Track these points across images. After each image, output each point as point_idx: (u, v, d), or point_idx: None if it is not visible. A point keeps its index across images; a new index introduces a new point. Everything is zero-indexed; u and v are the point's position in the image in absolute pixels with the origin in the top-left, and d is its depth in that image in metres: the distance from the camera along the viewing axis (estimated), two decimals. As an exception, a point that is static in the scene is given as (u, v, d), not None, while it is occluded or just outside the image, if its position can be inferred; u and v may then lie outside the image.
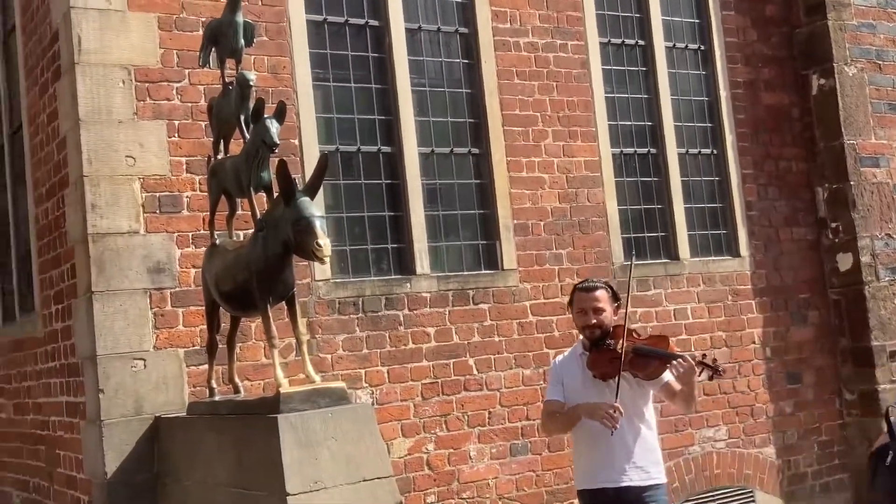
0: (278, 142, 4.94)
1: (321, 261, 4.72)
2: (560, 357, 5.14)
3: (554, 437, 7.15)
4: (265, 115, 4.98)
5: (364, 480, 4.69)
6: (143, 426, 5.90)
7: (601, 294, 4.77)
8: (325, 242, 4.62)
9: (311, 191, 4.83)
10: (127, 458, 5.83)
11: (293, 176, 5.42)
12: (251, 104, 5.10)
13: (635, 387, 4.69)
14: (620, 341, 4.63)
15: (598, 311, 4.73)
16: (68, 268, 6.29)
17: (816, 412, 8.50)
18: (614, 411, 4.44)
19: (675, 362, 4.57)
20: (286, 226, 4.71)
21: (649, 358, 4.66)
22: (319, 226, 4.65)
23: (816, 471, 8.42)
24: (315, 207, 4.73)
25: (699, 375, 4.65)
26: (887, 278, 8.56)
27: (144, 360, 5.97)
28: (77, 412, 6.25)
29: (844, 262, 8.57)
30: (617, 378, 4.57)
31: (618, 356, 4.61)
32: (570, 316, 7.20)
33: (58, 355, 6.63)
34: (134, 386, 5.91)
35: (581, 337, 4.92)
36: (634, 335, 4.82)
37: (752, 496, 8.09)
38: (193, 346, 6.06)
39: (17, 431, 7.78)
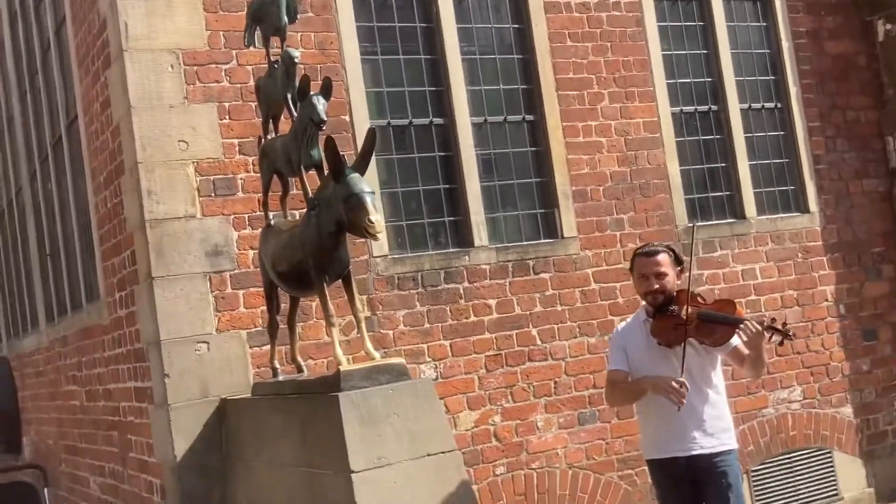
0: (326, 118, 4.88)
1: (374, 237, 4.68)
2: (622, 324, 5.01)
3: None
4: (311, 92, 4.93)
5: (428, 455, 4.66)
6: (209, 409, 5.95)
7: (663, 258, 4.61)
8: (376, 218, 4.57)
9: (360, 167, 4.77)
10: (195, 441, 5.89)
11: (346, 152, 5.41)
12: (297, 82, 5.05)
13: (702, 353, 4.57)
14: (685, 307, 4.47)
15: (661, 275, 4.58)
16: (129, 254, 6.35)
17: (894, 369, 8.26)
18: (680, 386, 4.35)
19: (742, 326, 4.43)
20: (337, 203, 4.67)
21: (715, 324, 4.51)
22: (370, 202, 4.60)
23: (897, 429, 8.21)
24: (365, 183, 4.67)
25: (769, 340, 4.50)
26: (964, 228, 8.26)
27: (207, 343, 6.01)
28: (145, 397, 6.33)
29: (919, 212, 8.30)
30: (683, 345, 4.44)
31: (682, 322, 4.46)
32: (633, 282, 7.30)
33: (124, 341, 6.72)
34: (199, 369, 5.96)
35: (644, 303, 4.77)
36: (699, 300, 4.66)
37: (830, 457, 7.91)
38: (255, 327, 6.07)
39: (90, 418, 7.93)
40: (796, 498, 7.74)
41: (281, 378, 5.58)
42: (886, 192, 8.45)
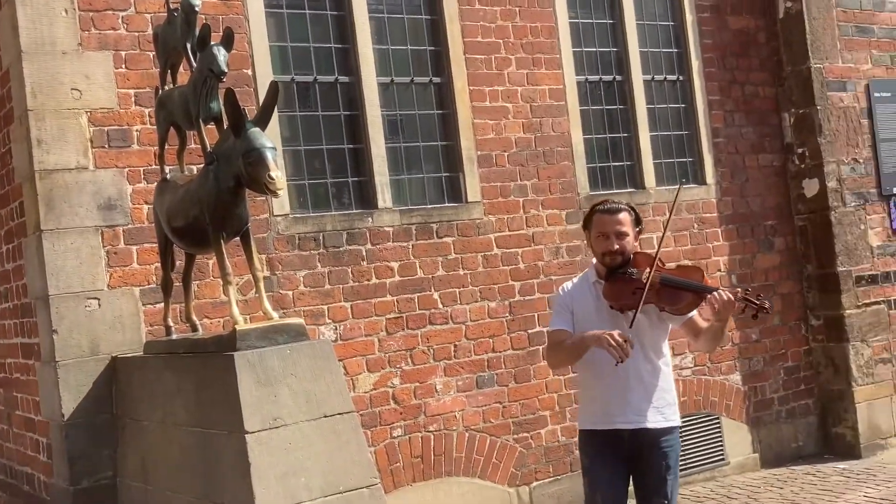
0: (226, 70, 4.74)
1: (274, 194, 4.59)
2: (567, 284, 4.54)
3: (519, 369, 7.14)
4: (212, 43, 4.77)
5: (325, 417, 4.60)
6: (99, 366, 5.77)
7: (624, 217, 4.23)
8: (277, 175, 4.47)
9: (261, 121, 4.64)
10: (84, 398, 5.71)
11: (248, 107, 5.25)
12: (197, 31, 4.88)
13: (655, 322, 4.26)
14: (647, 270, 4.14)
15: (622, 235, 4.20)
16: (17, 206, 6.09)
17: (782, 338, 8.50)
18: (625, 341, 3.93)
19: (712, 296, 4.03)
20: (237, 158, 4.54)
21: (681, 290, 4.14)
22: (271, 157, 4.49)
23: (782, 396, 8.45)
24: (266, 138, 4.55)
25: (742, 312, 4.19)
26: (853, 204, 8.52)
27: (98, 299, 5.81)
28: (32, 353, 6.11)
29: (811, 187, 8.51)
30: (635, 310, 4.10)
31: (642, 286, 4.10)
32: (538, 248, 7.33)
33: (10, 296, 6.47)
34: (89, 326, 5.76)
35: (593, 263, 4.39)
36: (659, 263, 4.26)
37: (718, 422, 8.10)
38: (149, 284, 5.91)
39: (-26, 375, 7.63)
40: (684, 462, 7.88)
41: (175, 337, 5.46)
42: (781, 167, 8.65)
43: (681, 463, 7.81)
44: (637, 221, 4.31)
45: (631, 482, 4.35)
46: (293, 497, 4.37)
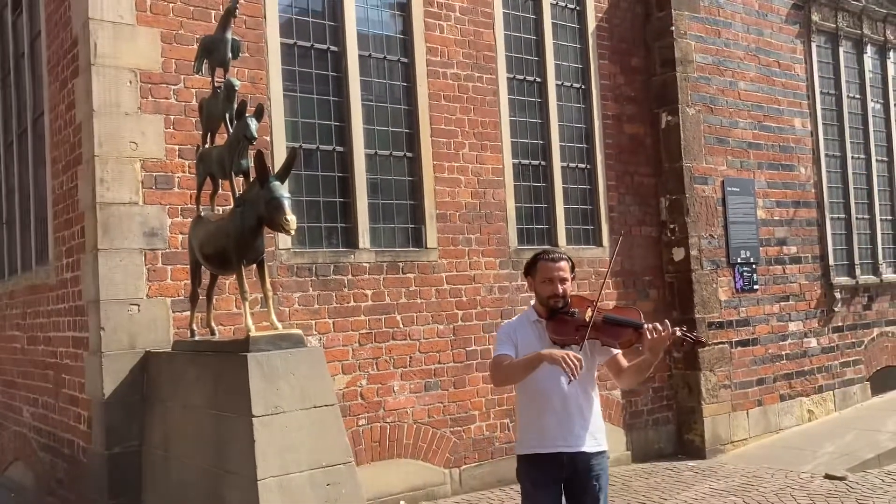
0: (256, 136, 4.69)
1: (288, 233, 4.52)
2: (509, 322, 3.99)
3: (457, 377, 7.09)
4: (246, 114, 4.72)
5: (315, 407, 4.52)
6: (135, 358, 5.60)
7: (565, 265, 3.77)
8: (291, 218, 4.42)
9: (281, 177, 4.58)
10: (121, 382, 5.54)
11: (266, 165, 5.18)
12: (235, 105, 4.83)
13: (590, 357, 3.72)
14: (589, 310, 3.69)
15: (563, 280, 3.73)
16: (79, 229, 5.90)
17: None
18: (577, 360, 3.36)
19: (648, 327, 3.57)
20: (260, 203, 4.48)
21: (621, 326, 3.66)
22: (288, 205, 4.45)
23: (650, 409, 8.51)
24: (284, 190, 4.50)
25: (682, 346, 3.68)
26: (708, 268, 8.68)
27: (138, 305, 5.66)
28: (82, 345, 5.89)
29: (678, 254, 8.65)
30: (579, 344, 3.59)
31: (584, 324, 3.64)
32: (478, 285, 7.31)
33: (67, 299, 6.24)
34: (129, 326, 5.60)
35: (531, 305, 3.90)
36: (601, 306, 3.80)
37: (602, 426, 8.12)
38: (178, 296, 5.76)
39: (29, 359, 7.32)
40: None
41: (198, 338, 5.32)
42: (657, 237, 8.79)
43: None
44: (572, 268, 3.84)
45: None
46: (287, 468, 4.27)
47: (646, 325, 3.58)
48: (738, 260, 8.96)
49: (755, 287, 9.10)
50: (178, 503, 4.97)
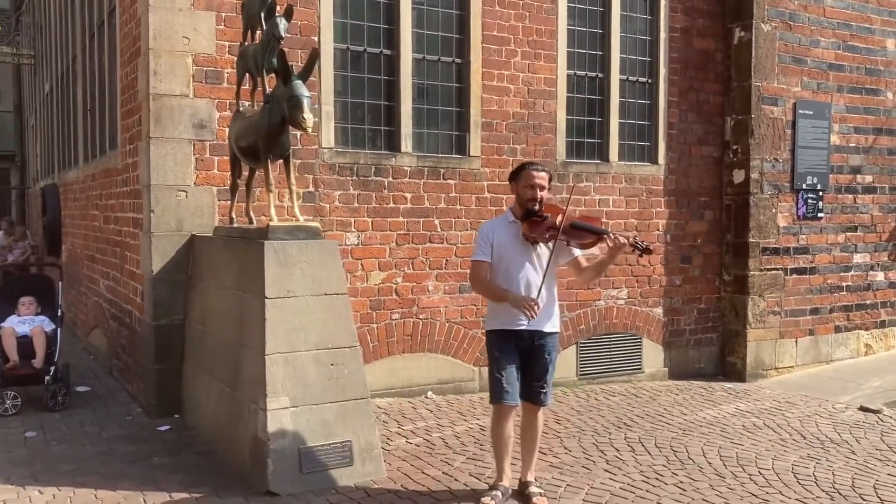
0: (284, 35, 4.90)
1: (305, 130, 4.75)
2: (489, 223, 4.59)
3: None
4: (277, 14, 4.93)
5: (325, 294, 4.84)
6: (182, 240, 6.08)
7: (546, 175, 4.32)
8: (308, 116, 4.64)
9: (304, 75, 4.80)
10: (168, 261, 6.05)
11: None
12: (268, 3, 5.04)
13: (554, 256, 4.28)
14: (560, 216, 4.22)
15: (542, 188, 4.27)
16: (137, 118, 6.36)
17: (699, 286, 8.55)
18: (535, 305, 4.11)
19: (608, 236, 4.15)
20: (282, 101, 4.73)
21: (585, 231, 4.23)
22: (306, 104, 4.66)
23: (693, 328, 8.53)
24: (305, 88, 4.71)
25: (633, 253, 4.18)
26: (769, 192, 8.46)
27: (186, 192, 6.09)
28: (139, 225, 6.43)
29: (738, 176, 8.45)
30: (553, 243, 4.19)
31: (555, 226, 4.18)
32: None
33: (129, 182, 6.77)
34: (177, 210, 6.06)
35: (510, 207, 4.46)
36: (571, 212, 4.32)
37: (639, 342, 8.23)
38: (224, 185, 6.14)
39: (104, 236, 8.02)
40: (610, 367, 8.10)
41: (235, 225, 5.72)
42: (718, 158, 8.58)
43: (604, 368, 8.10)
44: (550, 180, 4.38)
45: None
46: (294, 346, 4.65)
47: (608, 234, 4.14)
48: (804, 186, 8.67)
49: (819, 215, 8.81)
50: (208, 371, 5.50)
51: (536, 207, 4.26)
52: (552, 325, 4.36)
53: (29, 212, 16.84)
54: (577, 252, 4.35)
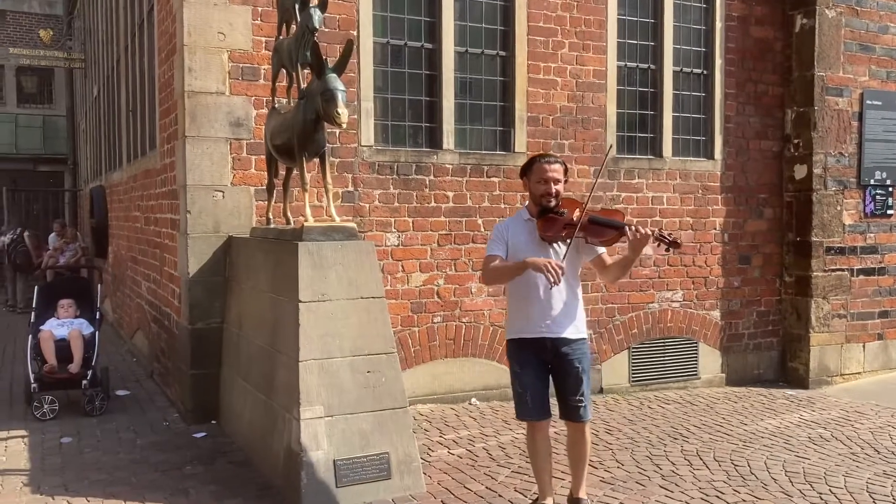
0: (318, 27, 4.70)
1: (339, 126, 4.55)
2: (503, 221, 4.27)
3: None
4: (311, 5, 4.73)
5: (361, 298, 4.64)
6: (219, 241, 5.95)
7: (559, 168, 3.95)
8: (343, 111, 4.44)
9: (338, 68, 4.60)
10: (205, 263, 5.91)
11: (351, 61, 5.19)
12: (302, -5, 4.85)
13: (575, 254, 3.96)
14: (577, 210, 3.88)
15: (557, 181, 3.92)
16: (174, 117, 6.24)
17: (759, 288, 8.13)
18: (559, 268, 3.67)
19: (630, 229, 3.75)
20: (317, 95, 4.53)
21: (605, 227, 3.85)
22: (341, 98, 4.46)
23: (752, 333, 8.12)
24: (339, 82, 4.51)
25: (658, 247, 3.93)
26: (833, 188, 8.00)
27: (223, 192, 5.95)
28: (176, 227, 6.32)
29: (800, 171, 8.01)
30: (569, 241, 3.84)
31: (572, 223, 3.84)
32: (567, 194, 6.96)
33: (167, 182, 6.67)
34: (214, 211, 5.92)
35: (527, 204, 4.09)
36: (590, 207, 3.97)
37: (696, 346, 7.86)
38: (261, 185, 5.98)
39: (145, 237, 7.96)
40: (665, 373, 7.75)
41: (272, 226, 5.55)
42: (778, 152, 8.16)
43: (658, 374, 7.73)
44: (566, 172, 4.00)
45: (552, 385, 4.04)
46: (329, 353, 4.45)
47: (628, 227, 3.76)
48: (872, 181, 8.19)
49: (889, 212, 8.31)
50: (244, 376, 5.34)
51: (552, 203, 3.90)
52: (577, 331, 3.95)
53: (80, 214, 17.09)
54: (601, 249, 3.99)
